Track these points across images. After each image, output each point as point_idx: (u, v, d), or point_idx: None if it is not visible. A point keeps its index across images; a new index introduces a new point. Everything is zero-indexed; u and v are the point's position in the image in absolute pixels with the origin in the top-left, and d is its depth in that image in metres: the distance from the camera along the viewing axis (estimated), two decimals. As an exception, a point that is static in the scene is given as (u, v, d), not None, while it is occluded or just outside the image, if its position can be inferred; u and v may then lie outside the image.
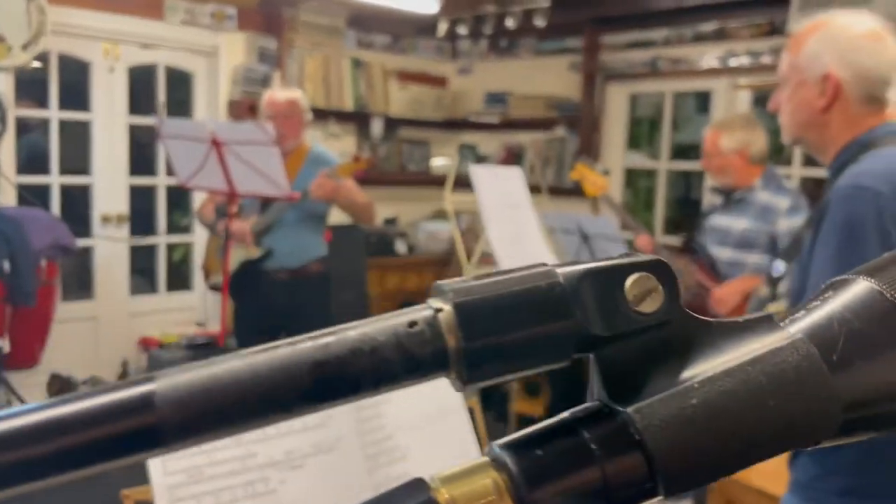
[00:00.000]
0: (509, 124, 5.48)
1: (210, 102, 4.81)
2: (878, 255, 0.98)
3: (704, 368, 0.25)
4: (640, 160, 5.25)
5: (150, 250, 4.75)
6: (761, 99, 4.70)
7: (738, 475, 2.48)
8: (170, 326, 4.65)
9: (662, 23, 4.70)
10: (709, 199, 4.70)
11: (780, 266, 1.56)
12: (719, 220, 3.17)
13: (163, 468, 0.72)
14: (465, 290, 0.25)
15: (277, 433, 0.78)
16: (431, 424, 0.90)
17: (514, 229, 2.16)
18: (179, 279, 4.96)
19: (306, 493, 0.77)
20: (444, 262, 5.50)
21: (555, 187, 5.21)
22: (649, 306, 0.25)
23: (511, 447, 0.25)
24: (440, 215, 5.99)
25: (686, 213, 5.45)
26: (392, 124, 5.58)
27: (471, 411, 0.98)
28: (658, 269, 0.26)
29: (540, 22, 4.16)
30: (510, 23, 4.24)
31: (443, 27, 4.64)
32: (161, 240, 4.75)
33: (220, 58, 4.75)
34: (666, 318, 0.26)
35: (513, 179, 2.33)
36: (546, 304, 0.25)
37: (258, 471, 0.76)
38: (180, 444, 0.23)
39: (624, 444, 0.24)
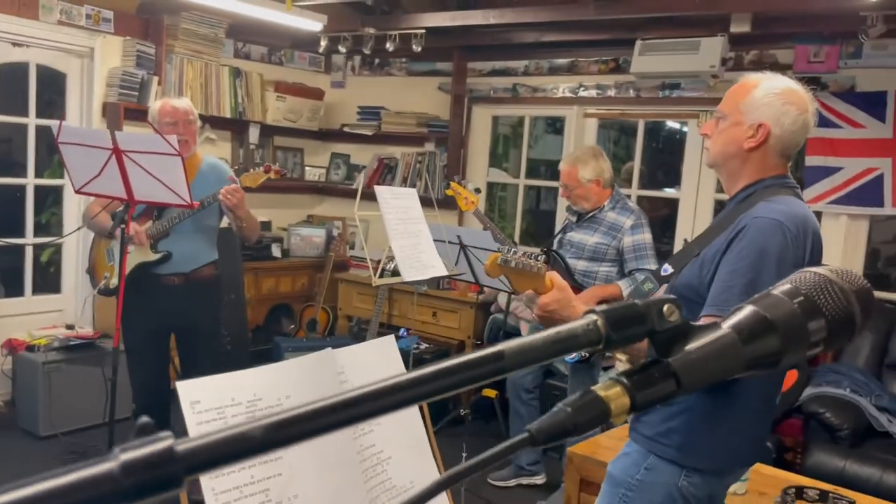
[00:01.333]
0: (382, 137, 5.78)
1: (84, 104, 4.77)
2: (776, 275, 1.47)
3: (695, 344, 0.57)
4: (500, 176, 5.74)
5: (17, 252, 4.64)
6: (605, 125, 5.32)
7: (589, 452, 2.93)
8: (37, 329, 4.56)
9: (523, 55, 5.20)
10: (560, 213, 5.25)
11: (668, 268, 1.87)
12: (574, 236, 3.65)
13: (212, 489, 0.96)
14: (609, 309, 0.53)
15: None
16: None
17: (414, 241, 2.48)
18: (47, 281, 4.86)
19: (306, 459, 1.04)
20: (318, 267, 5.71)
21: (425, 198, 5.57)
22: (675, 318, 0.56)
23: (623, 374, 0.55)
24: (312, 221, 6.20)
25: (539, 224, 5.99)
26: (267, 132, 5.74)
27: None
28: (676, 301, 0.57)
29: (417, 47, 4.51)
30: (389, 46, 4.56)
31: (323, 43, 4.87)
32: (28, 241, 4.65)
33: (95, 60, 4.73)
34: (680, 322, 0.56)
35: (409, 197, 2.65)
36: (638, 317, 0.54)
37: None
38: None
39: (669, 373, 0.55)
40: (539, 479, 4.03)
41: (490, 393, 4.59)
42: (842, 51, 4.14)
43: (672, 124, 5.41)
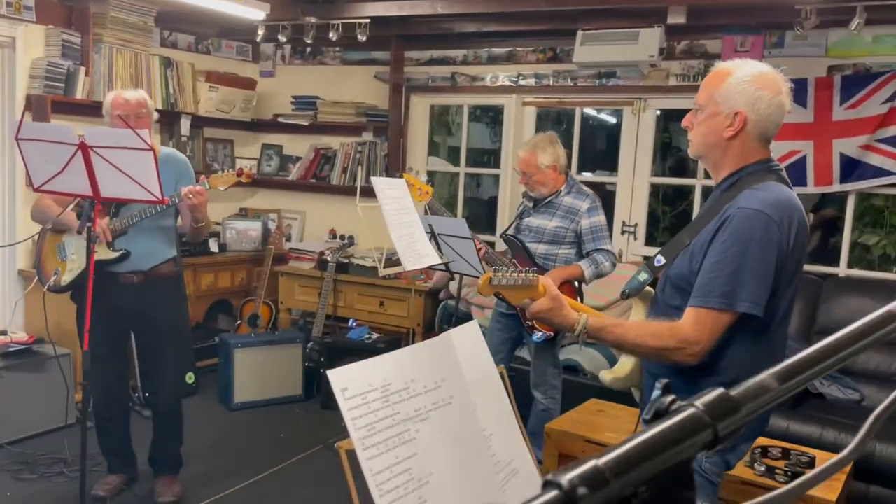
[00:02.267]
0: (318, 127, 5.73)
1: (6, 96, 4.50)
2: (760, 264, 1.59)
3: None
4: (440, 164, 5.81)
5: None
6: (543, 115, 5.47)
7: (566, 427, 3.05)
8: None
9: (460, 44, 5.27)
10: (502, 199, 5.38)
11: (660, 258, 1.89)
12: (533, 221, 3.77)
13: (353, 426, 1.01)
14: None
15: (408, 395, 1.09)
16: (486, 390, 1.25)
17: (409, 231, 2.51)
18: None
19: (433, 438, 1.10)
20: (256, 261, 5.61)
21: (366, 188, 5.57)
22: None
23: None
24: (246, 214, 6.07)
25: (481, 211, 6.10)
26: (198, 123, 5.57)
27: (501, 375, 1.35)
28: None
29: (361, 36, 4.50)
30: (332, 35, 4.52)
31: (261, 32, 4.78)
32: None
33: (17, 50, 4.46)
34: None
35: (401, 188, 2.67)
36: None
37: (402, 425, 1.07)
38: None
39: None
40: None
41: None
42: (766, 41, 4.43)
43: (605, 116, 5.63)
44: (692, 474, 1.83)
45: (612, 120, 7.17)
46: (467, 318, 4.80)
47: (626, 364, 2.03)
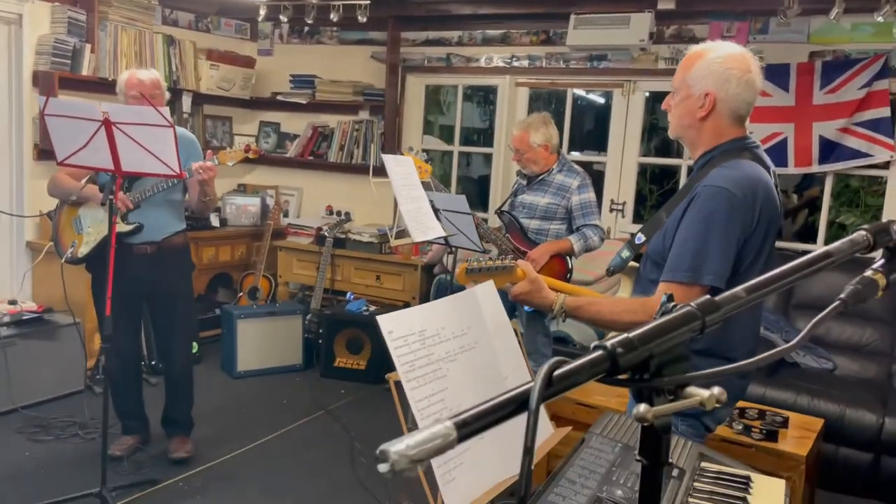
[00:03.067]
0: (315, 106, 5.87)
1: (13, 72, 4.61)
2: (722, 239, 1.76)
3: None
4: (434, 143, 5.97)
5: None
6: (536, 95, 5.64)
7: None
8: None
9: (456, 26, 5.42)
10: (495, 178, 5.55)
11: (641, 236, 1.98)
12: (526, 198, 3.96)
13: (398, 362, 1.20)
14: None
15: (440, 340, 1.28)
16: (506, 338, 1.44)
17: (417, 206, 2.69)
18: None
19: (460, 376, 1.29)
20: (255, 235, 5.77)
21: (362, 165, 5.74)
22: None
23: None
24: (245, 189, 6.22)
25: (472, 189, 6.28)
26: (198, 100, 5.69)
27: (515, 331, 1.54)
28: None
29: (362, 17, 4.64)
30: (333, 16, 4.66)
31: (263, 12, 4.90)
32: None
33: (23, 27, 4.56)
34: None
35: (408, 164, 2.84)
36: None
37: (436, 364, 1.26)
38: None
39: None
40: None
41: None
42: (751, 27, 4.62)
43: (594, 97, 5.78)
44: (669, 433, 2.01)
45: (601, 101, 7.37)
46: (461, 291, 5.00)
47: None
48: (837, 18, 3.86)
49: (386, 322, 1.19)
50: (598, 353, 0.63)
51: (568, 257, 3.83)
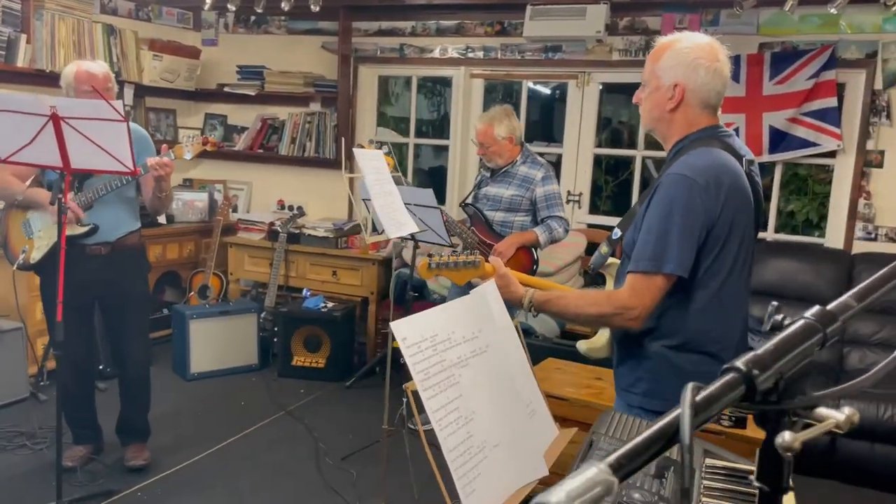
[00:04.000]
0: (264, 97, 5.71)
1: (-58, 64, 4.34)
2: (683, 227, 1.72)
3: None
4: (389, 135, 5.88)
5: None
6: (490, 87, 5.61)
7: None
8: None
9: (408, 16, 5.34)
10: (452, 170, 5.51)
11: (617, 231, 1.97)
12: (490, 190, 3.93)
13: (413, 370, 1.14)
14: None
15: (451, 345, 1.23)
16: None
17: (389, 200, 2.62)
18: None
19: (473, 382, 1.24)
20: (204, 232, 5.59)
21: (315, 158, 5.62)
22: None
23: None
24: (192, 185, 6.02)
25: (423, 181, 6.22)
26: (140, 92, 5.48)
27: (516, 328, 1.50)
28: None
29: (315, 6, 4.51)
30: (284, 5, 4.51)
31: (209, 0, 4.72)
32: None
33: (-48, 15, 4.30)
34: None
35: (379, 159, 2.77)
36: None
37: (449, 370, 1.21)
38: None
39: None
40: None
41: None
42: (702, 18, 4.69)
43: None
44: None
45: (547, 92, 7.39)
46: (422, 285, 4.95)
47: (602, 335, 2.10)
48: (792, 10, 3.94)
49: (400, 328, 1.13)
50: (732, 375, 0.58)
51: (534, 249, 3.82)
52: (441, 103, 8.16)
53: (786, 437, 0.59)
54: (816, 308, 0.68)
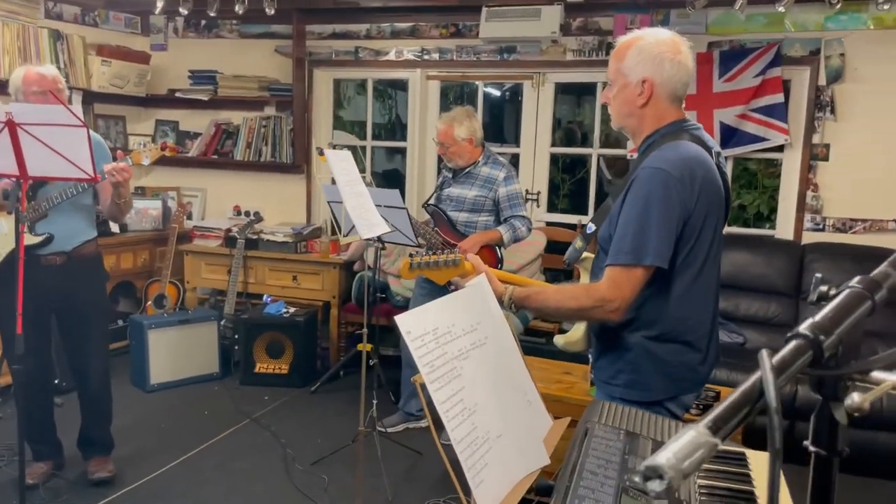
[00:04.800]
0: (217, 102, 5.62)
1: None
2: (662, 219, 1.77)
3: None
4: (346, 138, 5.86)
5: None
6: (447, 88, 5.64)
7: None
8: None
9: (363, 19, 5.32)
10: (410, 174, 5.52)
11: (591, 226, 2.00)
12: (453, 191, 3.95)
13: (420, 363, 1.15)
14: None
15: (451, 338, 1.24)
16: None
17: (360, 201, 2.61)
18: None
19: (474, 374, 1.25)
20: (158, 240, 5.48)
21: (272, 163, 5.56)
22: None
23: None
24: (144, 193, 5.89)
25: (382, 184, 6.19)
26: (88, 99, 5.34)
27: (507, 318, 1.51)
28: None
29: (269, 9, 4.46)
30: (238, 9, 4.45)
31: (160, 4, 4.63)
32: None
33: None
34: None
35: (349, 160, 2.75)
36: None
37: (451, 363, 1.22)
38: None
39: None
40: (423, 423, 4.31)
41: (367, 347, 4.78)
42: (652, 19, 4.79)
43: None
44: None
45: (497, 94, 7.46)
46: (384, 288, 4.94)
47: (578, 329, 2.11)
48: (742, 9, 4.06)
49: (403, 322, 1.14)
50: (799, 341, 0.61)
51: (498, 248, 3.85)
52: (393, 106, 8.15)
53: (855, 398, 0.62)
54: (859, 277, 0.71)
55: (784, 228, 4.75)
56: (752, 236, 4.84)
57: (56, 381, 4.37)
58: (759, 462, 1.50)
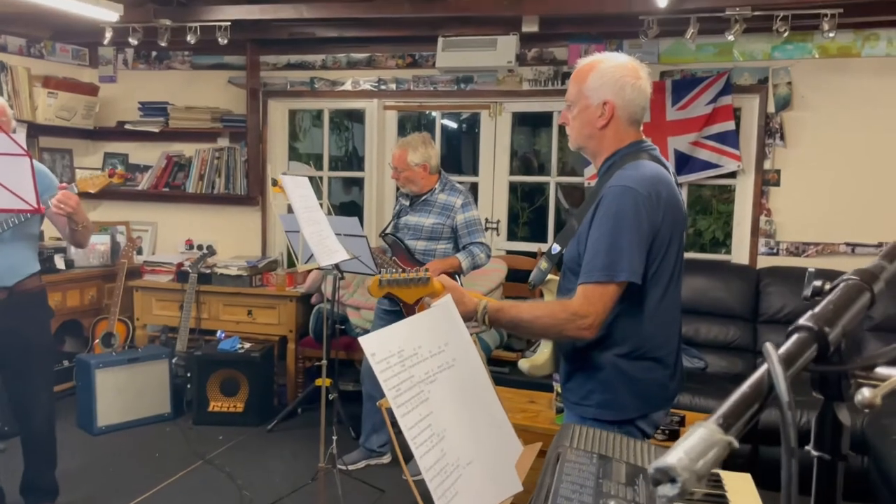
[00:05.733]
0: (168, 134, 5.51)
1: None
2: (633, 235, 1.78)
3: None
4: (303, 168, 5.78)
5: None
6: (404, 118, 5.62)
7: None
8: None
9: (318, 49, 5.30)
10: (369, 204, 5.46)
11: (556, 246, 1.98)
12: (410, 219, 3.90)
13: (385, 386, 1.08)
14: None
15: (418, 360, 1.17)
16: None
17: (317, 228, 2.53)
18: None
19: (442, 398, 1.19)
20: (107, 277, 5.30)
21: (225, 195, 5.45)
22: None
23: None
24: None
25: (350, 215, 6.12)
26: (33, 132, 5.18)
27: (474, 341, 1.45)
28: None
29: (223, 39, 4.41)
30: (190, 38, 4.39)
31: (108, 35, 4.54)
32: None
33: None
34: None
35: (306, 186, 2.68)
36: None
37: (417, 387, 1.15)
38: None
39: None
40: (385, 459, 4.19)
41: (326, 382, 4.66)
42: (606, 48, 4.86)
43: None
44: None
45: (453, 125, 7.49)
46: (343, 320, 4.84)
47: (543, 353, 2.07)
48: (693, 38, 4.14)
49: (367, 343, 1.07)
50: (802, 334, 0.56)
51: (457, 275, 3.80)
52: (349, 138, 8.12)
53: (865, 394, 0.58)
54: (854, 269, 0.67)
55: (739, 253, 4.80)
56: (708, 261, 4.88)
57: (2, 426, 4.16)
58: (733, 483, 1.46)
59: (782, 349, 0.56)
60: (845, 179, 4.47)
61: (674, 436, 2.99)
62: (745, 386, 0.54)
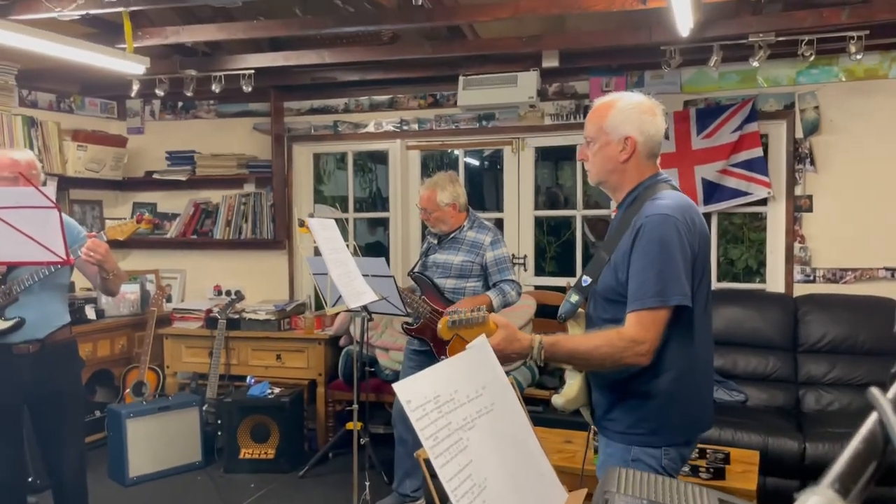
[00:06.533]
0: (195, 182, 5.57)
1: None
2: (679, 260, 1.81)
3: None
4: (329, 211, 5.79)
5: None
6: (427, 157, 5.63)
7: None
8: None
9: (340, 93, 5.35)
10: (395, 244, 5.45)
11: (586, 278, 2.01)
12: (439, 257, 3.86)
13: (422, 435, 1.03)
14: None
15: (455, 406, 1.13)
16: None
17: (345, 270, 2.51)
18: None
19: (481, 445, 1.14)
20: (137, 325, 5.32)
21: (252, 240, 5.48)
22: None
23: None
24: (122, 278, 5.75)
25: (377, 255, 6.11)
26: (63, 185, 5.26)
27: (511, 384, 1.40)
28: None
29: (247, 87, 4.46)
30: (215, 87, 4.45)
31: (136, 87, 4.62)
32: None
33: None
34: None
35: (333, 229, 2.67)
36: None
37: (456, 434, 1.10)
38: None
39: None
40: (420, 504, 4.11)
41: (357, 426, 4.60)
42: (627, 80, 4.85)
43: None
44: None
45: (475, 163, 7.50)
46: (372, 362, 4.79)
47: (573, 386, 2.06)
48: (717, 66, 4.10)
49: (402, 390, 1.03)
50: None
51: (488, 314, 3.74)
52: (373, 180, 8.16)
53: None
54: None
55: (774, 282, 4.69)
56: (743, 291, 4.78)
57: (30, 479, 4.14)
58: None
59: (891, 393, 0.50)
60: (880, 202, 4.37)
61: (719, 474, 2.88)
62: (855, 441, 0.48)
